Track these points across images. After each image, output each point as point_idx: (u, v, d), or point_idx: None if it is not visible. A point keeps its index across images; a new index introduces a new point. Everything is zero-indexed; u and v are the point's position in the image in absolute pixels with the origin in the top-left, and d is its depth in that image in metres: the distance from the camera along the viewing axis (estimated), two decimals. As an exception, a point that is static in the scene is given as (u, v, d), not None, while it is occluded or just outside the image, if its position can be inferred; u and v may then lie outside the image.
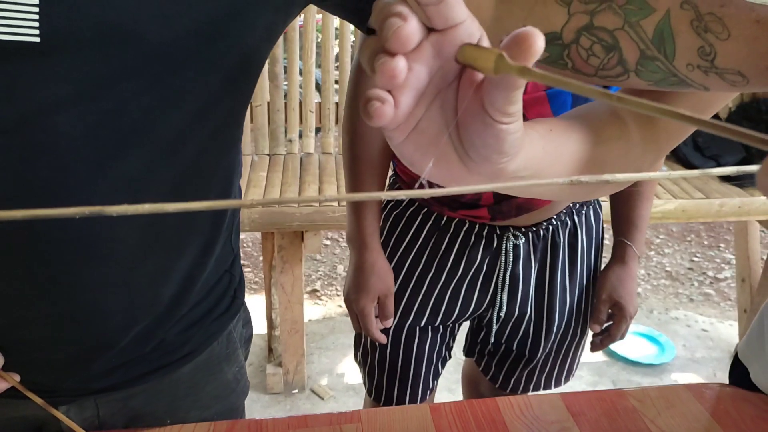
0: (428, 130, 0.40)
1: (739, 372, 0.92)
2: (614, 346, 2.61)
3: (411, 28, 0.34)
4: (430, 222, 1.16)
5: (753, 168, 0.31)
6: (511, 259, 1.15)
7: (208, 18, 0.56)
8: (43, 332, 0.67)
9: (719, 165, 2.33)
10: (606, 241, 1.27)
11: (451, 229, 1.15)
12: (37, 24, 0.50)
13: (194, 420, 0.84)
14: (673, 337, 2.81)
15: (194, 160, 0.65)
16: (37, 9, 0.50)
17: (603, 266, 1.27)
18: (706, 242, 3.82)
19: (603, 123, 0.59)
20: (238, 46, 0.60)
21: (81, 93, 0.54)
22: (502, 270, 1.16)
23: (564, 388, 1.34)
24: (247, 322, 0.96)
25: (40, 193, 0.57)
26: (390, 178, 1.25)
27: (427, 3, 0.34)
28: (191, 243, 0.73)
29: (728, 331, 2.87)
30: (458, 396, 2.25)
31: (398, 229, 1.19)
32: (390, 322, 1.18)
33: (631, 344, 2.68)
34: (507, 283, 1.17)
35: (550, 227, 1.15)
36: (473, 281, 1.17)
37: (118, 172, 0.59)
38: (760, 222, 2.46)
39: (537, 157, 0.47)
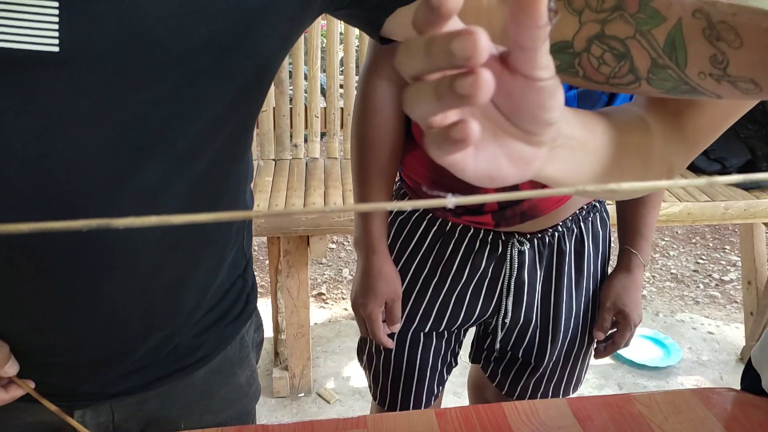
0: (486, 138, 0.40)
1: (751, 378, 0.91)
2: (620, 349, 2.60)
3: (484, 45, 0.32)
4: (435, 227, 1.16)
5: (759, 176, 0.31)
6: (516, 266, 1.14)
7: (225, 29, 0.56)
8: (62, 339, 0.68)
9: (724, 168, 2.32)
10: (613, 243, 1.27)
11: (456, 235, 1.14)
12: (56, 34, 0.50)
13: (208, 424, 0.85)
14: (678, 339, 2.80)
15: (209, 168, 0.65)
16: (57, 19, 0.50)
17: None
18: (711, 244, 3.81)
19: (627, 127, 0.58)
20: (254, 56, 0.60)
21: (100, 104, 0.54)
22: (506, 276, 1.15)
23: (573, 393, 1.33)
24: (259, 326, 0.97)
25: (58, 204, 0.57)
26: (395, 183, 1.25)
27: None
28: (206, 252, 0.74)
29: (734, 334, 2.86)
30: (464, 400, 2.25)
31: (403, 235, 1.19)
32: (398, 327, 1.18)
33: (636, 347, 2.67)
34: (512, 289, 1.16)
35: (556, 234, 1.14)
36: (478, 287, 1.17)
37: (135, 183, 0.60)
38: (765, 224, 2.45)
39: (576, 127, 0.47)
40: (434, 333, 1.23)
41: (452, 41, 0.31)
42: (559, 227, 1.13)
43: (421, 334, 1.22)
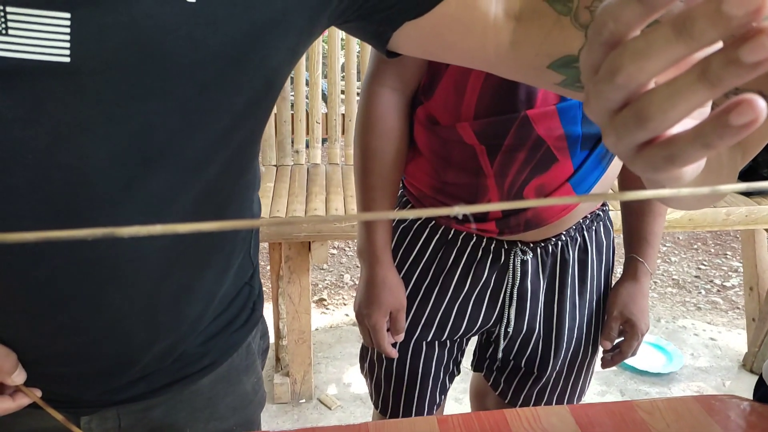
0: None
1: (763, 392, 0.91)
2: (622, 356, 2.60)
3: None
4: (437, 236, 1.15)
5: (762, 185, 0.31)
6: (518, 275, 1.13)
7: (234, 40, 0.56)
8: (67, 348, 0.68)
9: (726, 173, 2.31)
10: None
11: (459, 243, 1.14)
12: (68, 45, 0.50)
13: (214, 431, 0.85)
14: (680, 345, 2.80)
15: (216, 178, 0.65)
16: (68, 30, 0.50)
17: (614, 283, 1.26)
18: (712, 250, 3.81)
19: None
20: (263, 68, 0.60)
21: (109, 114, 0.55)
22: (509, 285, 1.15)
23: (573, 401, 1.33)
24: (264, 333, 0.97)
25: (66, 214, 0.57)
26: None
27: None
28: (212, 260, 0.74)
29: (736, 340, 2.86)
30: (466, 406, 2.25)
31: (406, 242, 1.19)
32: (401, 337, 1.18)
33: (638, 353, 2.67)
34: (515, 299, 1.16)
35: (560, 243, 1.13)
36: (480, 296, 1.16)
37: (143, 193, 0.60)
38: (767, 230, 2.45)
39: None
40: (436, 342, 1.23)
41: (724, 2, 0.26)
42: (563, 236, 1.13)
43: (424, 343, 1.22)
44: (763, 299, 2.53)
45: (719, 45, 0.29)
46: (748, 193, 2.23)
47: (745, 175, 2.30)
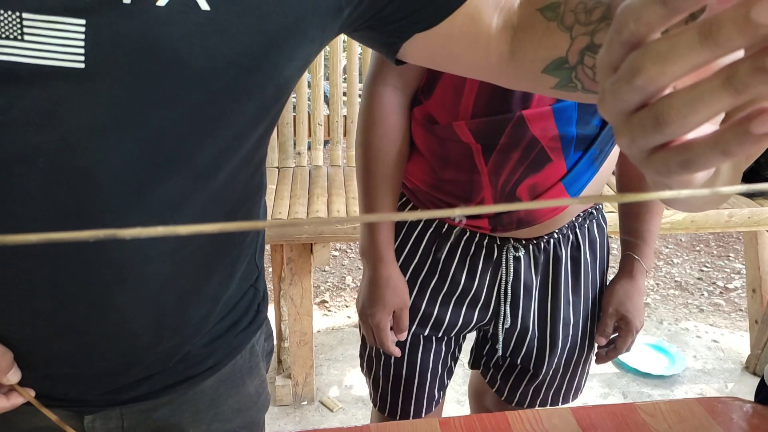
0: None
1: (764, 395, 0.91)
2: (624, 357, 2.60)
3: None
4: (431, 230, 1.16)
5: (765, 186, 0.31)
6: (512, 272, 1.14)
7: (248, 50, 0.57)
8: (72, 348, 0.68)
9: (728, 175, 2.31)
10: (615, 251, 1.26)
11: (452, 238, 1.14)
12: (82, 50, 0.51)
13: None
14: (683, 348, 2.79)
15: (225, 184, 0.66)
16: (83, 36, 0.51)
17: (609, 280, 1.26)
18: (715, 252, 3.81)
19: None
20: (275, 77, 0.61)
21: (121, 119, 0.55)
22: (503, 282, 1.15)
23: (574, 401, 1.33)
24: (269, 335, 0.97)
25: (75, 217, 0.58)
26: None
27: None
28: (218, 264, 0.74)
29: (739, 342, 2.85)
30: (467, 408, 2.25)
31: (399, 238, 1.19)
32: (404, 336, 1.18)
33: (641, 355, 2.67)
34: (509, 295, 1.16)
35: (552, 241, 1.14)
36: (477, 293, 1.17)
37: (153, 198, 0.60)
38: (769, 232, 2.45)
39: None
40: (434, 337, 1.23)
41: (752, 10, 0.26)
42: (555, 234, 1.13)
43: (421, 337, 1.22)
44: (765, 301, 2.52)
45: (741, 54, 0.29)
46: (750, 195, 2.23)
47: (748, 177, 2.29)
